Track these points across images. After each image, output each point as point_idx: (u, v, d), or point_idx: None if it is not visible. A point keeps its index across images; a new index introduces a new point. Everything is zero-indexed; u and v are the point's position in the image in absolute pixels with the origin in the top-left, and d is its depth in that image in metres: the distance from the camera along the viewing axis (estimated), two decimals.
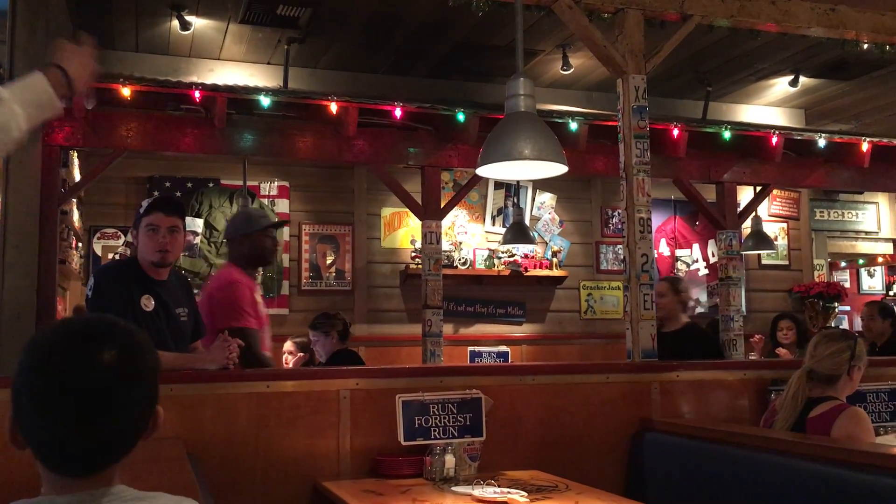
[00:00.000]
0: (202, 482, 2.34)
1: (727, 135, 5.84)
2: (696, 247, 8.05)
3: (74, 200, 5.44)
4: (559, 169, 2.80)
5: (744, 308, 6.92)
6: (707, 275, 7.98)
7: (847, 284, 9.30)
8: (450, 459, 2.76)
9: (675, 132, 5.68)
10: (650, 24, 4.01)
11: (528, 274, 7.27)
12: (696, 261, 8.05)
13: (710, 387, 3.46)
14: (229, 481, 2.78)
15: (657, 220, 7.81)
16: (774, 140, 5.92)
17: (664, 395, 3.36)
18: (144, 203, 3.18)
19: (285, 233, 6.89)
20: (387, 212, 7.18)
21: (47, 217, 4.43)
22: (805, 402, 2.78)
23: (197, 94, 4.64)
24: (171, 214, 3.11)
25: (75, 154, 5.34)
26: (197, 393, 2.84)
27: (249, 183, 6.36)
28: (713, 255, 7.80)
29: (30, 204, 4.30)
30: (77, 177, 5.28)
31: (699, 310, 7.94)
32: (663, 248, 7.94)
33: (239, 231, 3.69)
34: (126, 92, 4.53)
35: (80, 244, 5.86)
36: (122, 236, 6.24)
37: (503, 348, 6.57)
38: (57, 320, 2.65)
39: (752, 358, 5.79)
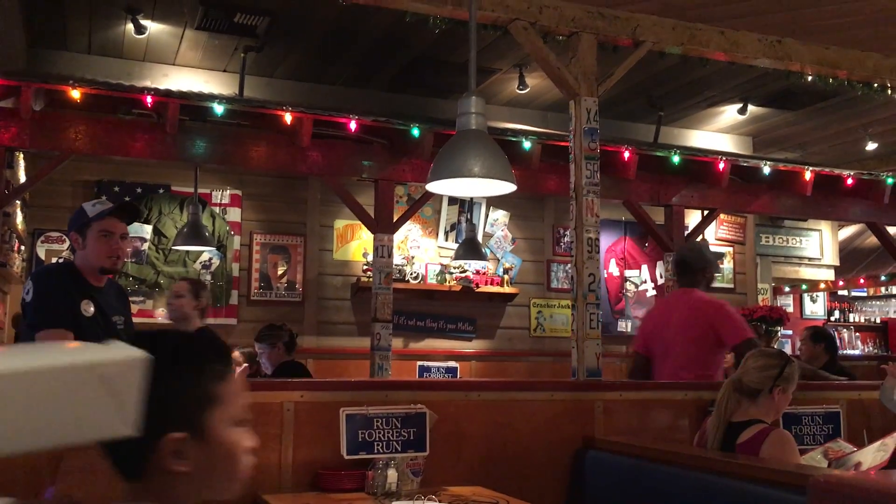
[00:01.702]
0: None
1: (676, 159, 5.96)
2: (644, 268, 8.18)
3: (18, 203, 5.31)
4: (508, 187, 2.83)
5: None
6: (655, 295, 8.10)
7: (790, 309, 9.53)
8: (392, 474, 2.75)
9: (626, 154, 5.78)
10: (603, 49, 4.10)
11: (479, 290, 7.30)
12: (645, 281, 8.17)
13: (652, 406, 3.52)
14: None
15: (607, 240, 7.92)
16: (721, 166, 6.06)
17: (607, 414, 3.41)
18: (89, 206, 3.08)
19: (236, 242, 6.83)
20: (340, 224, 7.16)
21: None
22: (731, 426, 2.84)
23: (149, 99, 4.59)
24: (126, 222, 3.07)
25: (21, 155, 5.22)
26: None
27: (201, 190, 6.29)
28: (661, 277, 7.93)
29: None
30: (22, 178, 5.16)
31: None
32: (613, 268, 8.05)
33: (705, 262, 4.20)
34: (76, 94, 4.45)
35: (22, 247, 5.72)
36: (68, 240, 6.11)
37: (452, 364, 6.57)
38: None
39: None
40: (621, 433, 3.40)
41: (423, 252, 7.37)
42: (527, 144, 5.49)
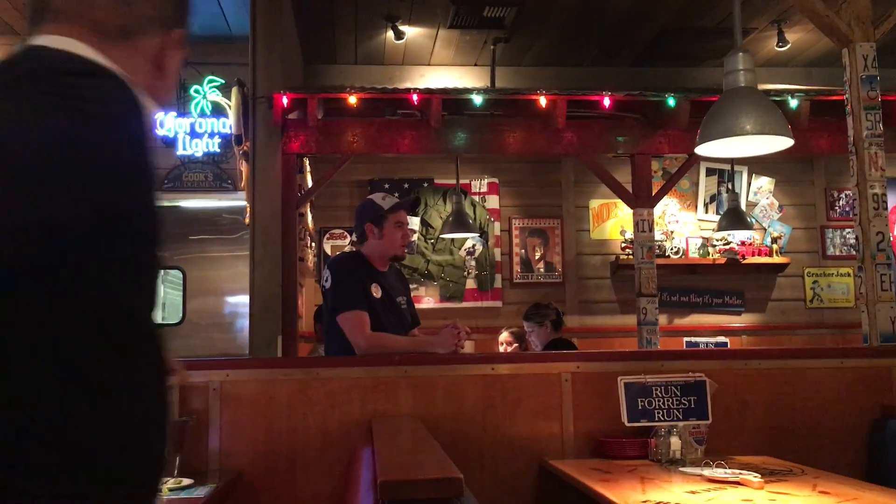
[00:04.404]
0: None
1: None
2: None
3: (308, 203, 5.94)
4: (784, 143, 2.72)
5: None
6: None
7: None
8: (675, 441, 2.76)
9: None
10: None
11: (745, 262, 6.98)
12: None
13: None
14: (460, 457, 2.92)
15: (893, 200, 7.20)
16: None
17: None
18: (379, 199, 3.43)
19: (496, 228, 7.10)
20: (595, 203, 7.19)
21: (287, 219, 4.90)
22: None
23: (415, 97, 4.94)
24: (410, 214, 3.43)
25: (307, 161, 5.83)
26: (428, 374, 3.04)
27: (461, 181, 6.62)
28: None
29: (273, 207, 4.80)
30: (309, 182, 5.77)
31: None
32: None
33: None
34: (353, 100, 4.91)
35: (313, 244, 6.40)
36: (348, 236, 6.72)
37: (721, 338, 6.36)
38: None
39: None
40: None
41: (681, 226, 7.18)
42: (793, 103, 5.15)
